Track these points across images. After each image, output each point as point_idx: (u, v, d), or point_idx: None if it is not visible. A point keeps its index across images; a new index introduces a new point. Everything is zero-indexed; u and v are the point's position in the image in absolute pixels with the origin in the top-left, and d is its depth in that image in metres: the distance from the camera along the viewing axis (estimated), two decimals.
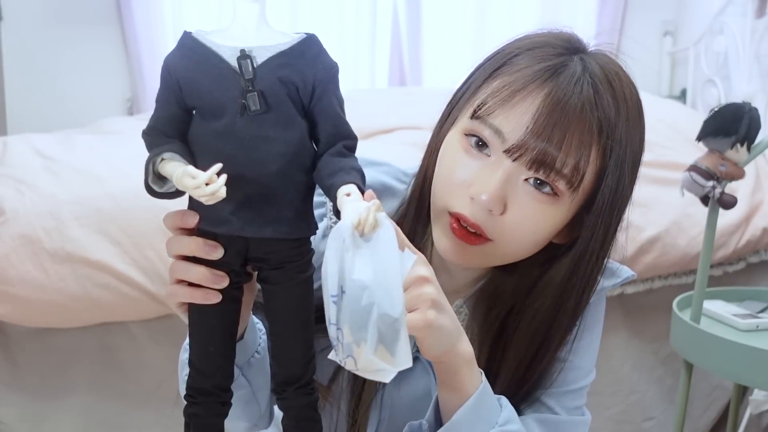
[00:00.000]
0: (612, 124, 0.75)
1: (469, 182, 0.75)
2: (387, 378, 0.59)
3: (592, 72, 0.75)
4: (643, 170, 2.12)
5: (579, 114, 0.73)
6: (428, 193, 0.82)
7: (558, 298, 0.82)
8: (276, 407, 0.89)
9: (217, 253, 0.64)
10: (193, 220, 0.64)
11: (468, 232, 0.76)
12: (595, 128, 0.74)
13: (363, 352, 0.58)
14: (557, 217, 0.77)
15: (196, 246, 0.64)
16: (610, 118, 0.74)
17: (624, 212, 0.81)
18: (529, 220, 0.75)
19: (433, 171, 0.81)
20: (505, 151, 0.74)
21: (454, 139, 0.79)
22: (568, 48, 0.78)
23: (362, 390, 0.88)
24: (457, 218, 0.76)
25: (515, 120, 0.74)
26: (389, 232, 0.59)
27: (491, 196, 0.73)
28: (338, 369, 0.88)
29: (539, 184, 0.75)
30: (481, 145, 0.76)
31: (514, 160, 0.74)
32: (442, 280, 0.88)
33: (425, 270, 0.68)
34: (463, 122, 0.78)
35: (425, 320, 0.66)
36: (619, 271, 0.90)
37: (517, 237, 0.76)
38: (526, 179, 0.75)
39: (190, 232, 0.66)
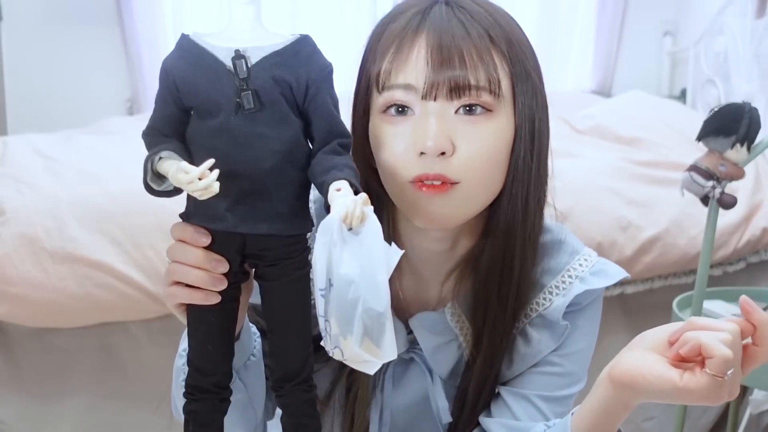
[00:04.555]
0: (497, 28, 0.78)
1: (410, 144, 0.76)
2: (372, 370, 0.60)
3: (456, 2, 0.79)
4: (643, 170, 2.12)
5: (464, 32, 0.76)
6: (377, 190, 0.82)
7: (506, 218, 0.82)
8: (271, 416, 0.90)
9: (222, 267, 0.65)
10: (206, 240, 0.65)
11: (434, 185, 0.77)
12: (485, 36, 0.77)
13: (349, 345, 0.58)
14: (503, 131, 0.78)
15: (203, 259, 0.65)
16: (491, 24, 0.78)
17: (545, 114, 0.82)
18: (480, 144, 0.76)
19: (368, 164, 0.82)
20: (422, 98, 0.76)
21: (375, 122, 0.80)
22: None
23: (354, 404, 0.88)
24: (420, 180, 0.77)
25: (414, 67, 0.76)
26: (376, 225, 0.59)
27: (436, 138, 0.74)
28: (334, 381, 0.89)
29: (468, 110, 0.76)
30: (402, 110, 0.78)
31: (435, 100, 0.76)
32: (427, 275, 0.89)
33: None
34: (376, 103, 0.80)
35: (723, 395, 0.64)
36: (612, 272, 0.89)
37: (477, 167, 0.77)
38: (455, 111, 0.76)
39: None
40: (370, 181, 0.82)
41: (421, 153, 0.75)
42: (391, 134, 0.78)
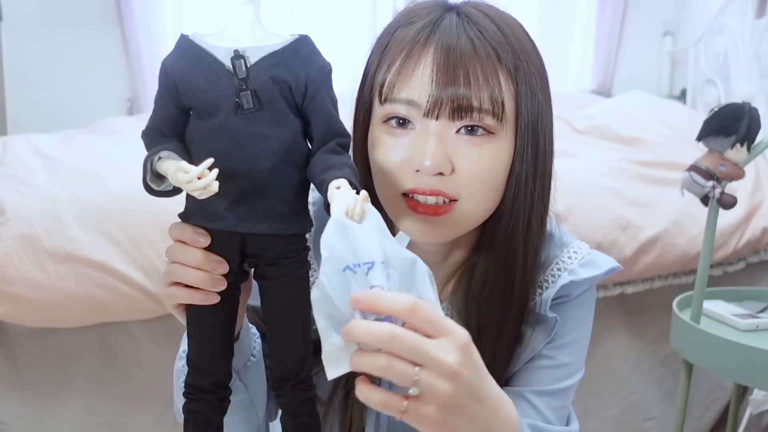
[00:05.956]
0: (505, 46, 0.77)
1: (407, 159, 0.76)
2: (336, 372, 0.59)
3: (466, 13, 0.78)
4: (643, 170, 2.12)
5: (471, 50, 0.75)
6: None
7: (507, 239, 0.82)
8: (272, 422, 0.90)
9: (222, 268, 0.66)
10: (204, 241, 0.65)
11: (430, 205, 0.77)
12: (493, 55, 0.76)
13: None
14: (503, 152, 0.78)
15: (203, 260, 0.65)
16: (500, 42, 0.77)
17: (550, 134, 0.82)
18: (480, 164, 0.76)
19: (367, 168, 0.82)
20: (424, 116, 0.76)
21: (375, 131, 0.80)
22: (438, 6, 0.81)
23: (353, 407, 0.88)
24: (413, 197, 0.77)
25: (418, 83, 0.75)
26: (377, 219, 0.59)
27: (433, 158, 0.74)
28: (336, 384, 0.88)
29: (470, 130, 0.76)
30: (403, 123, 0.78)
31: (437, 119, 0.75)
32: None
33: (455, 356, 0.59)
34: (377, 112, 0.80)
35: (421, 416, 0.60)
36: (601, 263, 0.88)
37: (476, 186, 0.77)
38: (457, 131, 0.76)
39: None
40: (369, 184, 0.82)
41: (417, 170, 0.75)
42: (389, 145, 0.78)
